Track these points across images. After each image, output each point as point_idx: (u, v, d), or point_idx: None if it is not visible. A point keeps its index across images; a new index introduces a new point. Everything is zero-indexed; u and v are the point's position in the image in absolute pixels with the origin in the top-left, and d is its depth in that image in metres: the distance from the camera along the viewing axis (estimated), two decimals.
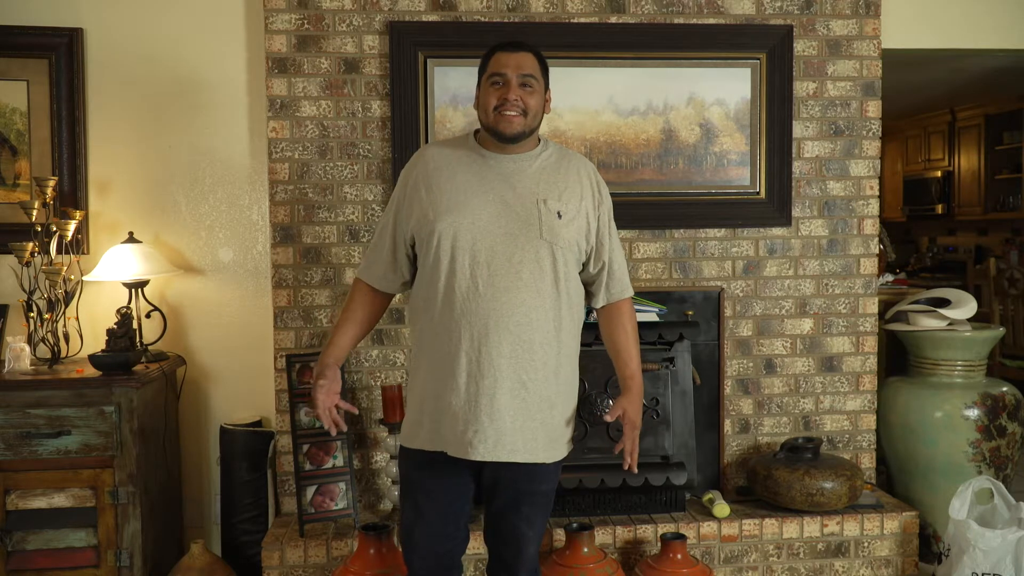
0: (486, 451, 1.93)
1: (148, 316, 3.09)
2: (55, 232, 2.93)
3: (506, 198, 1.97)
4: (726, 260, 3.24)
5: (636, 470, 2.15)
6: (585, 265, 2.09)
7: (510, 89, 1.95)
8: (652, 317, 3.04)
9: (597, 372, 3.01)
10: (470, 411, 1.93)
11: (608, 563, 2.69)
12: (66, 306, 2.97)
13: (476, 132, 2.08)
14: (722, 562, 2.95)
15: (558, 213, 1.98)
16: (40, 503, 2.71)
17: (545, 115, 2.07)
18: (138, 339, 3.00)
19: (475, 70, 2.07)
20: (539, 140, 2.09)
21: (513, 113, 1.95)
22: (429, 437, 2.00)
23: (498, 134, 1.98)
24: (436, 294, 1.97)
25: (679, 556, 2.71)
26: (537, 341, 1.96)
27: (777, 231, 3.26)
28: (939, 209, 7.48)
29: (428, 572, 2.08)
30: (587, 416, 2.98)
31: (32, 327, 2.95)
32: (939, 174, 7.46)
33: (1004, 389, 3.22)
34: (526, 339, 1.94)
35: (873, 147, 3.29)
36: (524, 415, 1.96)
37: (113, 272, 2.97)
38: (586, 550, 2.69)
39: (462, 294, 1.94)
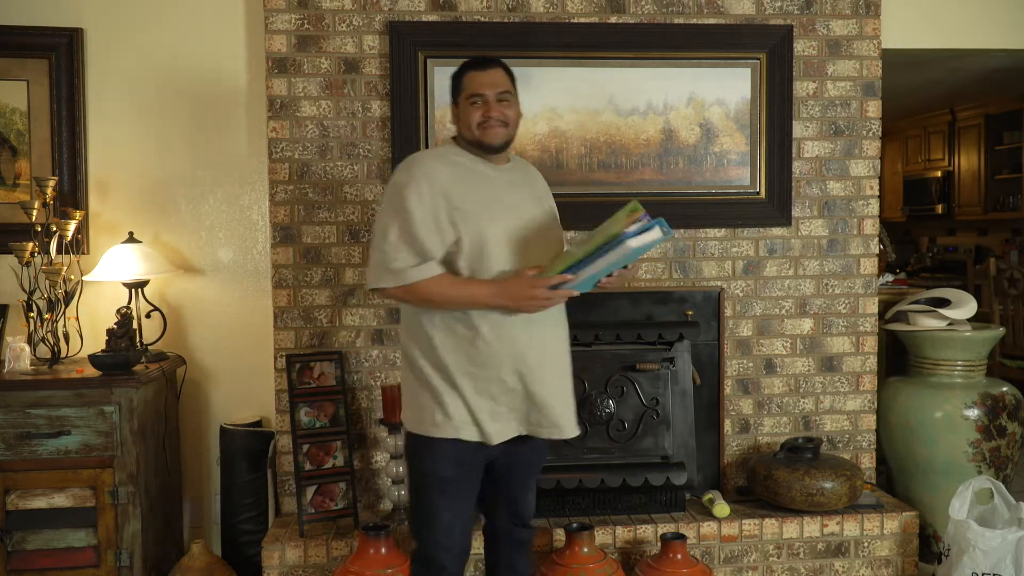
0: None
1: (148, 316, 3.09)
2: (55, 232, 2.93)
3: (512, 200, 2.14)
4: (726, 260, 3.24)
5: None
6: None
7: (490, 107, 2.08)
8: (656, 235, 2.13)
9: (597, 372, 3.01)
10: None
11: (608, 563, 2.69)
12: (66, 306, 2.97)
13: (454, 141, 2.19)
14: (722, 562, 2.95)
15: (554, 213, 2.29)
16: (40, 503, 2.71)
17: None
18: (138, 339, 3.00)
19: None
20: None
21: (497, 126, 2.09)
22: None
23: (485, 146, 2.10)
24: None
25: (679, 556, 2.71)
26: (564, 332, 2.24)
27: (777, 231, 3.26)
28: (939, 209, 7.48)
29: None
30: (587, 416, 2.98)
31: (32, 327, 2.95)
32: (939, 174, 7.46)
33: (1004, 389, 3.22)
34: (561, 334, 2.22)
35: (873, 147, 3.29)
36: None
37: (113, 272, 2.97)
38: (586, 550, 2.69)
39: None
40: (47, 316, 2.93)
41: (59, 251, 2.97)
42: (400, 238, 2.02)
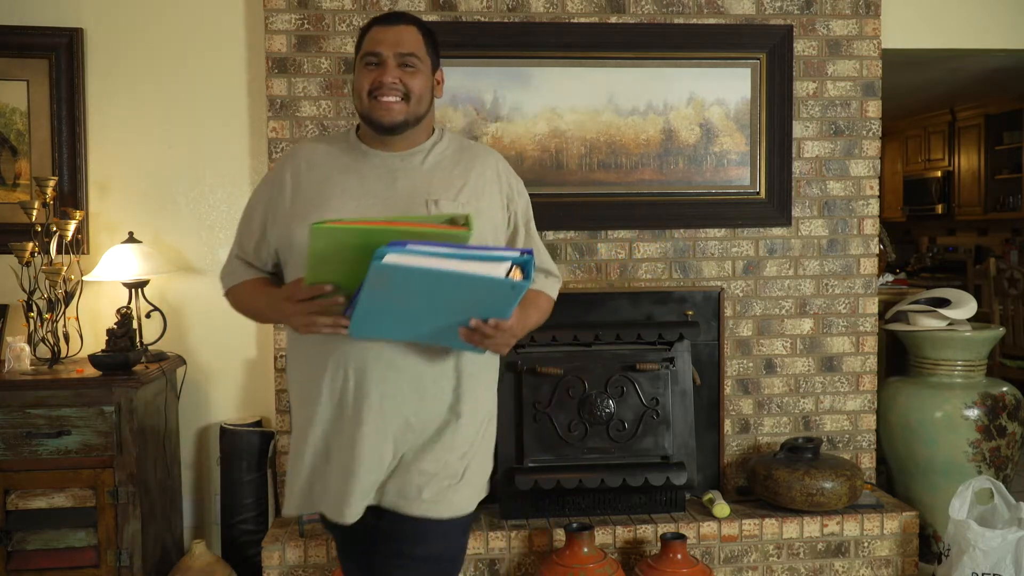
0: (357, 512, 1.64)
1: (148, 316, 3.09)
2: (55, 232, 2.93)
3: (389, 200, 1.63)
4: (726, 260, 3.24)
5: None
6: None
7: (386, 70, 1.62)
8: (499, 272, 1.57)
9: (597, 372, 3.01)
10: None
11: (608, 563, 2.69)
12: (66, 306, 2.97)
13: (358, 127, 1.75)
14: (722, 562, 2.95)
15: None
16: (40, 503, 2.71)
17: (437, 99, 1.75)
18: (138, 339, 3.00)
19: (475, 71, 1.95)
20: (433, 130, 1.75)
21: (391, 99, 1.62)
22: (305, 498, 1.70)
23: (376, 124, 1.64)
24: None
25: (679, 556, 2.71)
26: (429, 376, 1.63)
27: (777, 231, 3.26)
28: (939, 209, 7.49)
29: None
30: (587, 416, 2.98)
31: (32, 327, 2.95)
32: (939, 174, 7.46)
33: (1004, 389, 3.22)
34: (414, 374, 1.61)
35: (873, 147, 3.29)
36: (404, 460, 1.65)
37: (113, 272, 2.97)
38: (586, 550, 2.69)
39: None
40: (47, 316, 2.93)
41: (59, 251, 2.97)
42: (234, 240, 1.79)
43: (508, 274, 1.38)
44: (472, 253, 1.38)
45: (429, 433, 1.64)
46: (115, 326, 2.87)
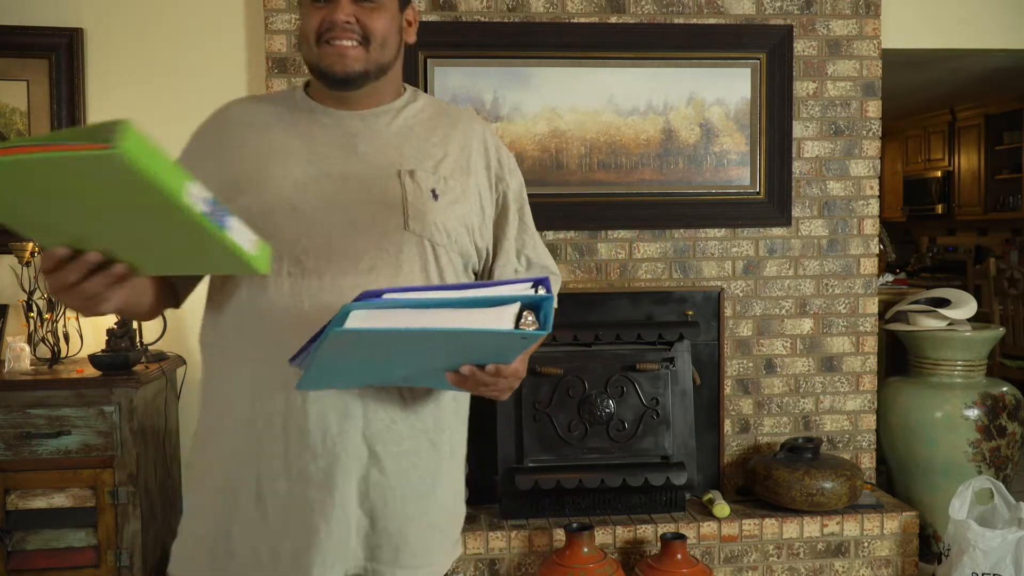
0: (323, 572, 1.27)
1: None
2: None
3: (347, 169, 1.28)
4: (726, 260, 3.24)
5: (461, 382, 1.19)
6: (478, 276, 1.41)
7: (338, 7, 1.25)
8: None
9: (597, 372, 3.01)
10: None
11: (608, 563, 2.69)
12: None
13: (307, 84, 1.39)
14: (722, 562, 2.95)
15: (432, 191, 1.29)
16: (40, 503, 2.71)
17: (408, 43, 1.38)
18: (138, 339, 3.00)
19: (475, 70, 1.86)
20: (405, 89, 1.41)
21: (347, 43, 1.26)
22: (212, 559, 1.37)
23: (326, 75, 1.28)
24: (234, 319, 1.29)
25: (679, 556, 2.71)
26: (400, 395, 1.29)
27: (777, 231, 3.26)
28: (939, 209, 7.49)
29: None
30: (587, 416, 2.98)
31: (32, 327, 2.95)
32: (939, 174, 7.47)
33: (1004, 389, 3.22)
34: (386, 391, 1.27)
35: (873, 147, 3.30)
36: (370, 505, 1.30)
37: None
38: (586, 550, 2.69)
39: (275, 320, 1.24)
40: (47, 316, 2.93)
41: None
42: None
43: (519, 321, 1.06)
44: (470, 297, 1.05)
45: (403, 470, 1.29)
46: (115, 326, 2.87)
